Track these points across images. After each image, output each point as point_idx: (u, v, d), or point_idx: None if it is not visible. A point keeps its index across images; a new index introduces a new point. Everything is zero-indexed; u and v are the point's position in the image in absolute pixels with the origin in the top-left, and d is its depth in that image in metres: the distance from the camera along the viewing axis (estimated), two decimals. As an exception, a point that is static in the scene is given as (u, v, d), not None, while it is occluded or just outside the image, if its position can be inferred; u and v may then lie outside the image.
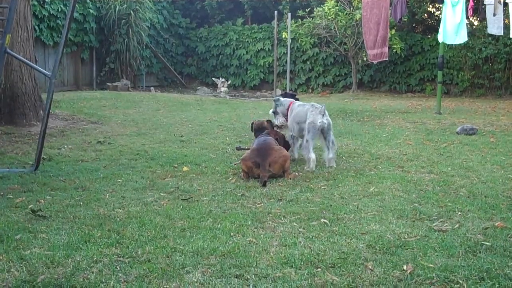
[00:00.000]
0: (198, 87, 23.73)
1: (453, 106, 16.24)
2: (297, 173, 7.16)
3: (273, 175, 6.84)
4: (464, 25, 13.67)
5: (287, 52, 19.80)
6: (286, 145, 7.88)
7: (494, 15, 14.21)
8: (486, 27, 15.18)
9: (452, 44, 16.55)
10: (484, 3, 14.53)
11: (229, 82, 23.21)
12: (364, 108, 15.39)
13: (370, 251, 4.38)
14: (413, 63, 21.64)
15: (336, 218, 5.27)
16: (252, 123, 8.29)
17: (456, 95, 20.37)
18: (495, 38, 18.65)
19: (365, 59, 19.73)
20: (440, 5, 15.08)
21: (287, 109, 8.20)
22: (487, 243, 4.55)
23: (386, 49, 14.67)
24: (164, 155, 8.32)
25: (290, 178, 6.88)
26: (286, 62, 20.34)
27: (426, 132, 10.92)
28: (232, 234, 4.76)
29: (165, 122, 11.97)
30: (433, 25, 21.95)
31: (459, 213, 5.46)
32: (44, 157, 7.73)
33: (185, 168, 7.42)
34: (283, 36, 20.88)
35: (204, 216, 5.28)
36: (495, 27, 14.23)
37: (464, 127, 10.74)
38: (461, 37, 13.78)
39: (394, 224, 5.06)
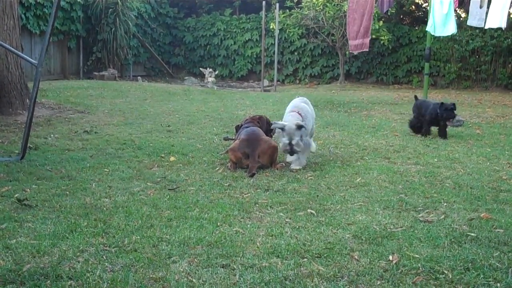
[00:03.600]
0: (186, 77, 23.67)
1: (440, 98, 16.26)
2: (284, 164, 7.16)
3: (261, 166, 6.85)
4: (453, 17, 13.67)
5: (274, 42, 19.78)
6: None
7: (481, 7, 14.24)
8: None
9: (439, 36, 16.57)
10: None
11: (216, 72, 23.14)
12: (351, 99, 15.41)
13: (356, 242, 4.40)
14: (401, 55, 21.69)
15: (323, 208, 5.29)
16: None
17: (443, 87, 20.45)
18: (482, 30, 18.68)
19: (352, 50, 19.72)
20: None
21: None
22: (472, 234, 4.58)
23: (367, 40, 14.66)
24: (151, 144, 8.30)
25: (277, 169, 6.89)
26: (273, 52, 20.33)
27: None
28: (218, 224, 4.77)
29: (152, 112, 11.93)
30: (421, 16, 22.02)
31: (445, 204, 5.49)
32: (30, 146, 7.68)
33: (172, 158, 7.40)
34: (271, 27, 20.84)
35: (191, 206, 5.28)
36: (476, 19, 14.24)
37: (457, 118, 10.77)
38: (450, 29, 13.78)
39: (380, 215, 5.09)
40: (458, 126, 10.47)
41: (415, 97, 10.43)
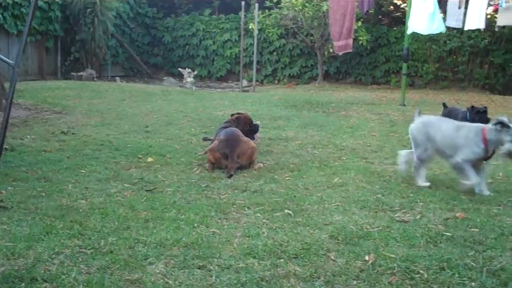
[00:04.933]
0: (164, 78, 23.59)
1: (418, 98, 16.42)
2: (262, 165, 7.16)
3: (240, 166, 6.85)
4: (439, 15, 13.74)
5: (253, 43, 19.76)
6: (253, 130, 7.95)
7: (460, 7, 14.37)
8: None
9: (418, 36, 16.67)
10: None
11: (195, 72, 23.08)
12: (330, 100, 15.44)
13: (332, 242, 4.42)
14: (379, 55, 21.79)
15: (300, 209, 5.31)
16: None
17: (421, 87, 20.57)
18: (460, 31, 18.83)
19: (331, 50, 19.75)
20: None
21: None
22: (447, 234, 4.62)
23: (350, 41, 14.76)
24: (128, 145, 8.26)
25: (255, 169, 6.89)
26: (252, 53, 20.31)
27: (390, 123, 11.03)
28: (195, 225, 4.76)
29: (130, 112, 11.88)
30: (399, 17, 22.14)
31: (421, 204, 5.54)
32: (7, 147, 7.60)
33: (149, 159, 7.38)
34: (250, 27, 20.83)
35: (168, 207, 5.27)
36: (454, 19, 14.40)
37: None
38: (438, 27, 13.79)
39: (357, 215, 5.11)
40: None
41: (444, 105, 10.10)
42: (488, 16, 15.72)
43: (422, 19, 13.52)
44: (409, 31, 14.06)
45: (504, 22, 14.75)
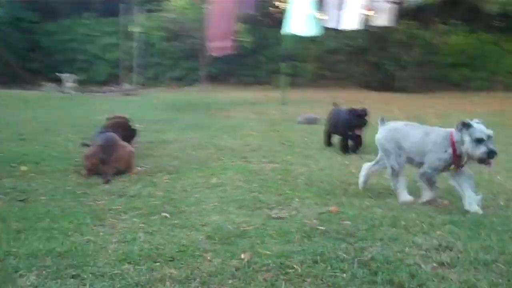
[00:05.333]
0: (43, 83, 22.84)
1: (298, 97, 16.76)
2: (140, 168, 7.09)
3: (118, 171, 6.74)
4: (315, 18, 14.07)
5: (135, 46, 19.52)
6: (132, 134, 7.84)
7: (340, 9, 14.81)
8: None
9: (298, 37, 17.04)
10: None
11: (75, 77, 22.52)
12: (213, 101, 15.52)
13: (209, 242, 4.42)
14: (261, 56, 22.10)
15: (178, 211, 5.28)
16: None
17: (301, 86, 21.00)
18: (337, 31, 19.42)
19: (213, 52, 19.85)
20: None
21: None
22: (321, 228, 4.73)
23: (229, 43, 14.83)
24: (1, 154, 7.94)
25: (134, 174, 6.81)
26: (134, 56, 20.06)
27: (270, 122, 11.22)
28: (69, 233, 4.63)
29: (6, 120, 11.42)
30: (281, 18, 22.49)
31: (297, 200, 5.65)
32: None
33: (23, 168, 7.11)
34: (131, 30, 20.56)
35: (41, 217, 5.10)
36: (333, 20, 14.83)
37: (306, 116, 11.13)
38: (315, 29, 14.12)
39: (234, 214, 5.15)
40: (313, 124, 10.83)
41: (334, 104, 9.56)
42: (364, 17, 16.27)
43: (300, 21, 13.83)
44: (287, 32, 14.34)
45: (379, 22, 15.34)
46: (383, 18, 14.95)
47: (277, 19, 22.87)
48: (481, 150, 5.17)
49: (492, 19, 22.31)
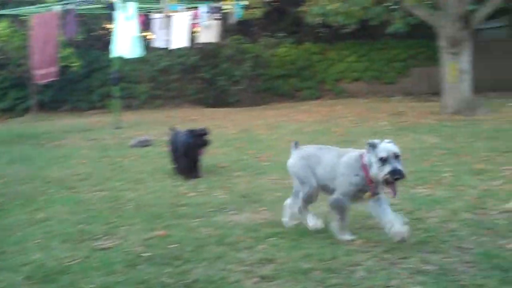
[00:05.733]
0: None
1: (133, 119, 16.59)
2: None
3: None
4: (140, 39, 14.02)
5: None
6: None
7: (161, 29, 14.86)
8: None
9: (129, 59, 16.87)
10: (152, 17, 15.10)
11: None
12: (44, 130, 14.99)
13: (27, 283, 4.25)
14: (94, 80, 21.68)
15: (-1, 252, 5.04)
16: None
17: (137, 108, 20.82)
18: (169, 50, 19.49)
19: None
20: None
21: None
22: (147, 254, 4.70)
23: (54, 69, 14.36)
24: None
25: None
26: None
27: (102, 148, 11.00)
28: None
29: None
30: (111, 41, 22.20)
31: (125, 227, 5.57)
32: None
33: None
34: None
35: None
36: (161, 40, 14.91)
37: (139, 139, 11.05)
38: (138, 51, 14.07)
39: (58, 250, 4.98)
40: (146, 146, 10.76)
41: (172, 129, 8.81)
42: (193, 34, 16.42)
43: (126, 42, 13.74)
44: (113, 55, 14.21)
45: (205, 39, 15.57)
46: (208, 35, 15.20)
47: (109, 41, 22.54)
48: (384, 170, 4.57)
49: (316, 30, 23.37)
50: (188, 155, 7.93)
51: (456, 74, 14.30)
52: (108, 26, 22.51)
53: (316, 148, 5.36)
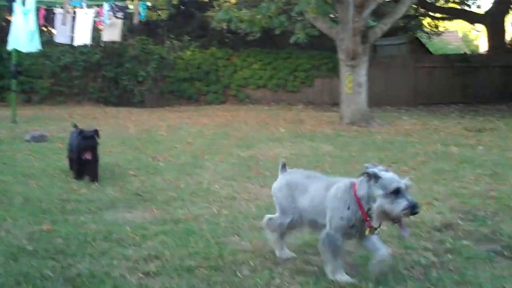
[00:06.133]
0: None
1: (32, 114, 16.18)
2: None
3: None
4: (37, 33, 13.70)
5: None
6: None
7: (63, 24, 14.58)
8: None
9: (29, 52, 16.42)
10: (54, 12, 14.80)
11: None
12: None
13: None
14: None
15: None
16: None
17: (37, 103, 20.29)
18: (73, 46, 19.11)
19: None
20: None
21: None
22: (30, 247, 4.67)
23: None
24: None
25: None
26: None
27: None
28: None
29: None
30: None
31: (10, 220, 5.48)
32: None
33: None
34: None
35: None
36: (63, 35, 14.64)
37: (34, 134, 10.82)
38: (35, 45, 13.76)
39: None
40: (41, 141, 10.56)
41: (74, 125, 8.16)
42: (97, 32, 16.17)
43: (22, 36, 13.43)
44: (9, 47, 13.88)
45: (108, 37, 15.39)
46: (111, 33, 15.00)
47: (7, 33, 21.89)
48: (402, 205, 3.85)
49: (223, 35, 23.55)
50: (79, 155, 7.46)
51: (352, 86, 14.80)
52: (9, 18, 21.90)
53: (304, 176, 4.67)
